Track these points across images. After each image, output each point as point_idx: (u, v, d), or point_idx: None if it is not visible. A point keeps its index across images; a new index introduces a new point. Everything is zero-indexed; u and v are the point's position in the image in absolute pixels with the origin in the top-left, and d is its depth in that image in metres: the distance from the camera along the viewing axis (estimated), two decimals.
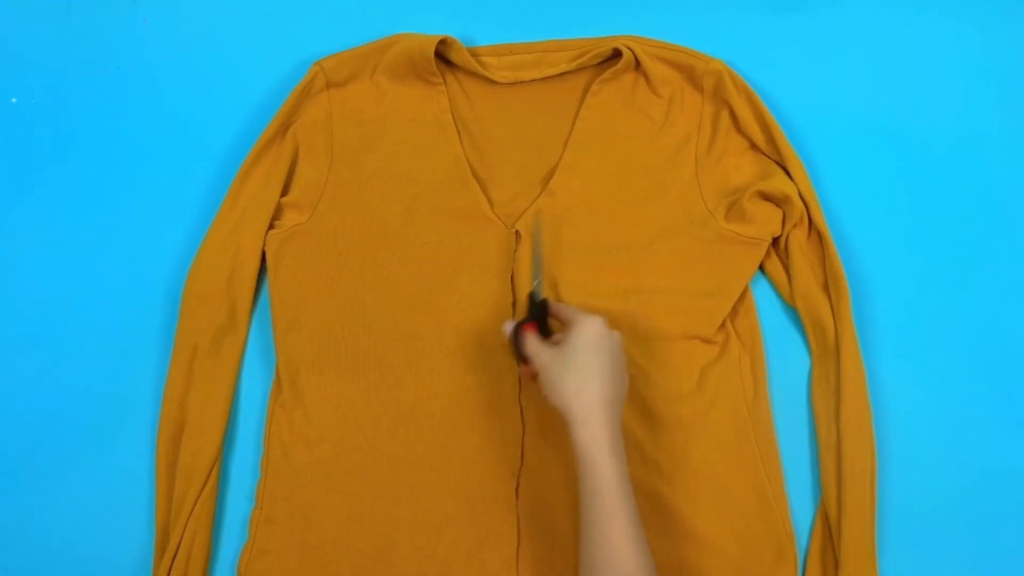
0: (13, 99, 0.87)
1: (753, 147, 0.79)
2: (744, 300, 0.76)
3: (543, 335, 0.67)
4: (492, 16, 0.87)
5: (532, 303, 0.70)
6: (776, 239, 0.77)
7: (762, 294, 0.77)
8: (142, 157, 0.85)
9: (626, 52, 0.79)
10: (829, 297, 0.74)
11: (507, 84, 0.81)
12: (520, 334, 0.67)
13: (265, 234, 0.78)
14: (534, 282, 0.71)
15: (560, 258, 0.76)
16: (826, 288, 0.75)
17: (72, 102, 0.87)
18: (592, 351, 0.62)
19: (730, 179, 0.78)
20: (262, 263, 0.78)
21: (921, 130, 0.82)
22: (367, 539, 0.71)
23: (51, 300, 0.80)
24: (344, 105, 0.81)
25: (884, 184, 0.81)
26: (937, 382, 0.75)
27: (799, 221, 0.76)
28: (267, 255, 0.78)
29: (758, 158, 0.79)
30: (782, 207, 0.76)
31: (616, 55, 0.80)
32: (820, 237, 0.75)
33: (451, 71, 0.82)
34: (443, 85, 0.81)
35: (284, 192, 0.80)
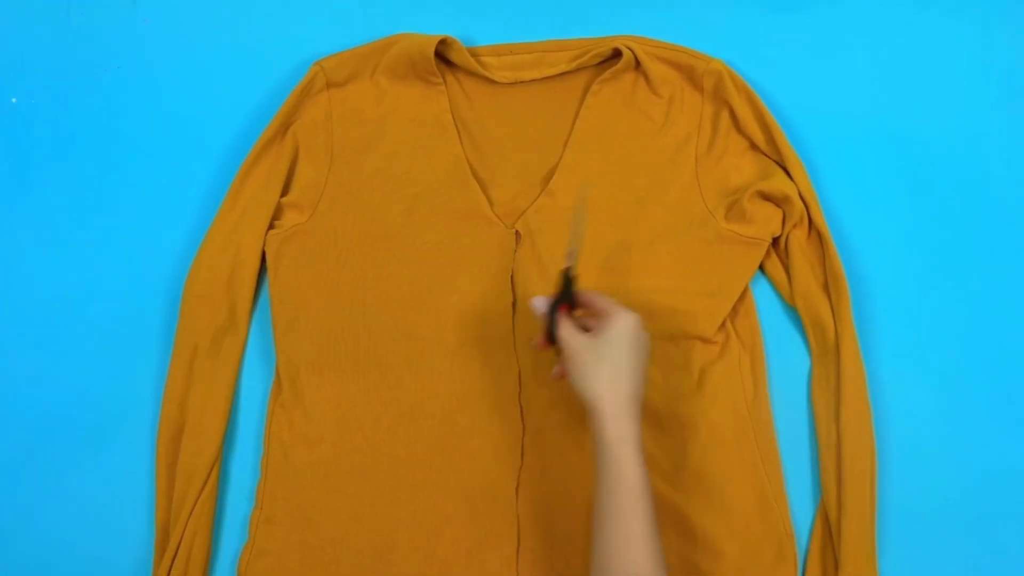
0: (13, 99, 0.87)
1: (753, 147, 0.79)
2: (744, 300, 0.76)
3: (570, 302, 0.64)
4: (492, 16, 0.87)
5: (565, 281, 0.65)
6: (776, 239, 0.77)
7: (762, 294, 0.77)
8: (142, 157, 0.85)
9: (626, 52, 0.79)
10: (829, 297, 0.74)
11: (507, 84, 0.81)
12: (555, 314, 0.64)
13: (265, 234, 0.78)
14: (570, 259, 0.65)
15: (560, 258, 0.76)
16: (826, 288, 0.75)
17: (72, 102, 0.87)
18: (628, 347, 0.60)
19: (730, 179, 0.78)
20: (262, 263, 0.78)
21: (921, 130, 0.82)
22: (367, 539, 0.71)
23: (51, 300, 0.80)
24: (344, 105, 0.81)
25: (884, 184, 0.81)
26: (937, 382, 0.75)
27: (799, 221, 0.76)
28: (267, 255, 0.78)
29: (758, 158, 0.79)
30: (782, 207, 0.76)
31: (616, 55, 0.80)
32: (820, 237, 0.75)
33: (451, 71, 0.82)
34: (443, 85, 0.81)
35: (284, 192, 0.80)
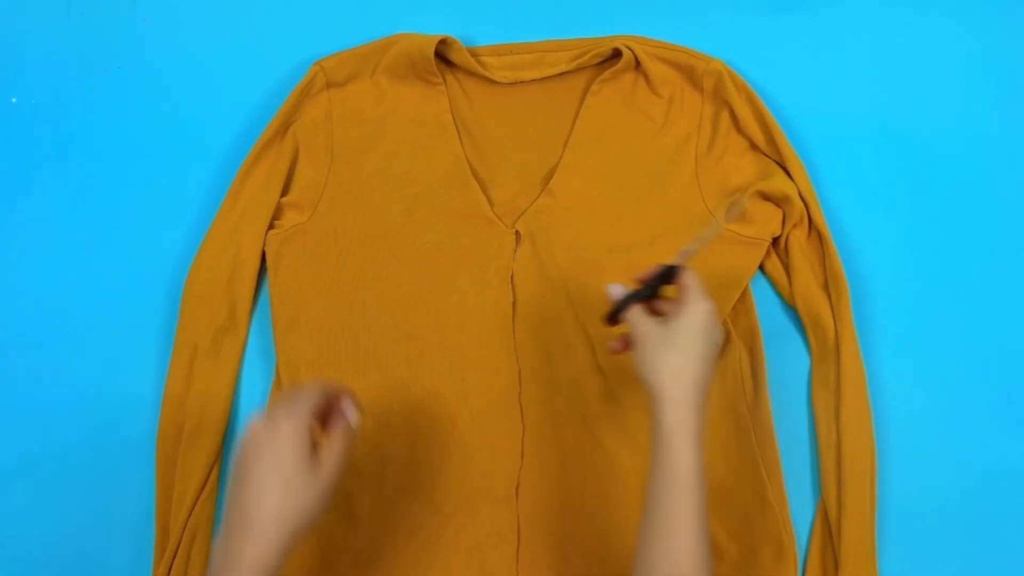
0: (13, 99, 0.87)
1: (753, 147, 0.79)
2: (744, 300, 0.76)
3: (654, 297, 0.63)
4: (492, 16, 0.87)
5: (662, 271, 0.62)
6: (776, 239, 0.77)
7: (762, 294, 0.77)
8: (142, 157, 0.84)
9: (626, 52, 0.79)
10: (829, 297, 0.74)
11: (507, 84, 0.81)
12: (629, 301, 0.61)
13: (265, 234, 0.78)
14: (682, 257, 0.62)
15: (560, 258, 0.76)
16: (826, 288, 0.75)
17: (72, 102, 0.87)
18: (699, 334, 0.57)
19: (730, 179, 0.78)
20: (262, 263, 0.78)
21: (921, 130, 0.82)
22: (367, 539, 0.71)
23: (51, 300, 0.80)
24: (344, 105, 0.81)
25: (884, 184, 0.81)
26: (937, 382, 0.75)
27: (799, 221, 0.76)
28: (267, 255, 0.78)
29: (758, 158, 0.79)
30: (782, 207, 0.76)
31: (616, 55, 0.80)
32: (820, 237, 0.75)
33: (451, 71, 0.82)
34: (443, 85, 0.81)
35: (284, 192, 0.80)
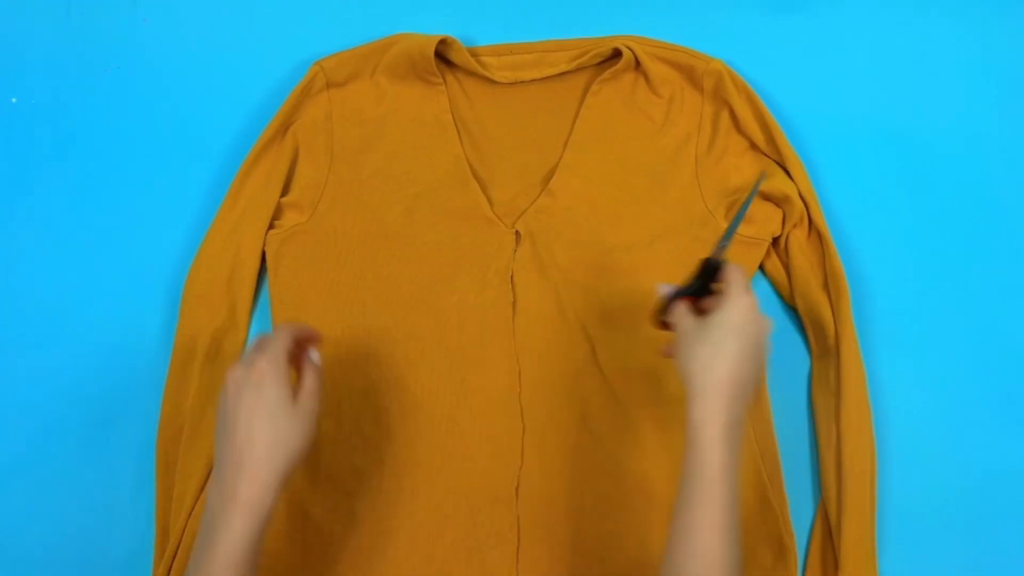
0: (13, 99, 0.87)
1: (753, 147, 0.79)
2: None
3: (702, 294, 0.63)
4: (492, 16, 0.87)
5: (704, 267, 0.62)
6: (776, 239, 0.77)
7: (762, 294, 0.77)
8: (142, 157, 0.84)
9: (626, 52, 0.79)
10: (829, 297, 0.74)
11: (507, 84, 0.81)
12: (674, 300, 0.62)
13: (265, 234, 0.78)
14: (719, 251, 0.63)
15: (560, 258, 0.76)
16: (826, 288, 0.75)
17: (72, 102, 0.87)
18: (732, 330, 0.57)
19: (730, 179, 0.78)
20: (262, 263, 0.78)
21: (921, 130, 0.82)
22: (367, 539, 0.71)
23: (51, 300, 0.80)
24: (344, 105, 0.81)
25: (884, 184, 0.81)
26: (937, 382, 0.75)
27: (799, 221, 0.76)
28: (267, 255, 0.78)
29: (758, 158, 0.79)
30: (782, 207, 0.76)
31: (616, 55, 0.80)
32: (820, 237, 0.75)
33: (451, 71, 0.82)
34: (443, 85, 0.81)
35: (284, 192, 0.80)
